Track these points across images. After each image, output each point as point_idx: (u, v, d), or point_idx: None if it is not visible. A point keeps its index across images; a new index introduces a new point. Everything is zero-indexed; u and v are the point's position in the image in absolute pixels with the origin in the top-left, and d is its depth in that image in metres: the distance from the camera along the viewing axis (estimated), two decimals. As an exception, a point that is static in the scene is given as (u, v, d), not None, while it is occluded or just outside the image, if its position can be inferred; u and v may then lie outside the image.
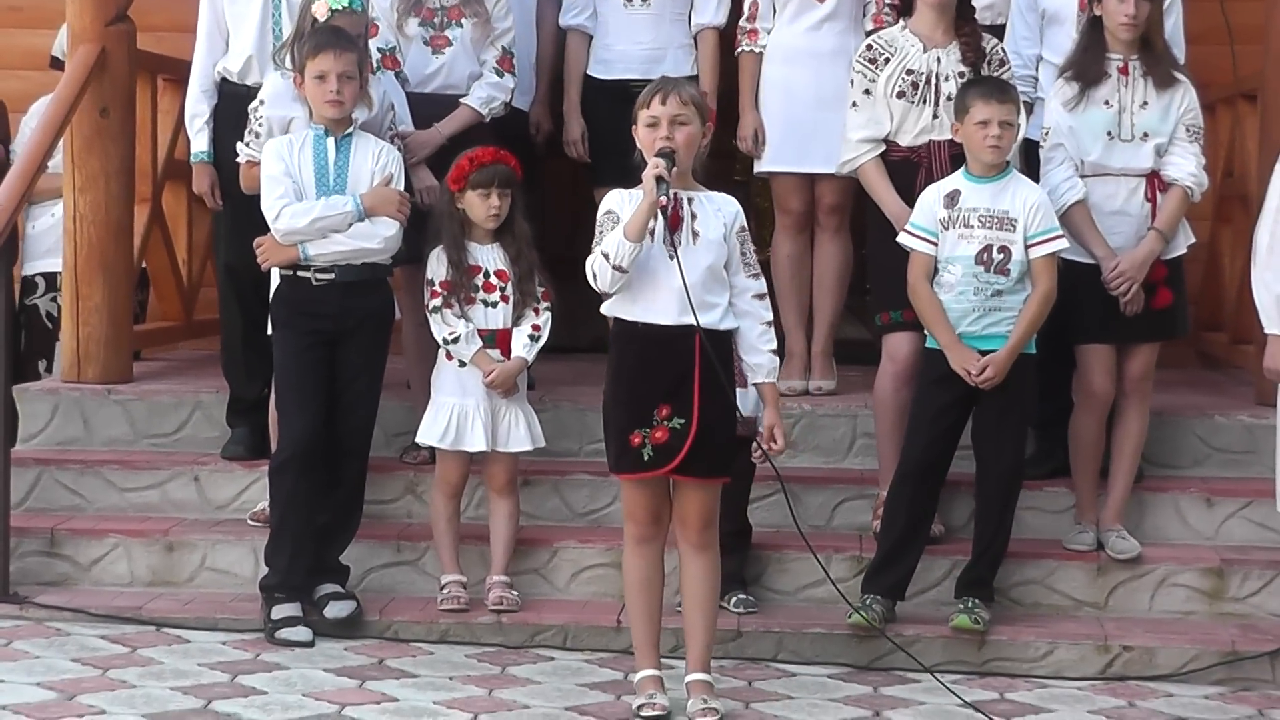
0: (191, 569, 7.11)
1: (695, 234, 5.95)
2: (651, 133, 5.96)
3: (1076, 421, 7.02)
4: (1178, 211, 6.97)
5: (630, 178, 6.05)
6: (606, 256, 5.87)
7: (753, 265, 6.05)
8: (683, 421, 5.90)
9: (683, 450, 5.90)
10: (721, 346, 5.95)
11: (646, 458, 5.92)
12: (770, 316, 6.07)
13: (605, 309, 6.03)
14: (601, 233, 5.96)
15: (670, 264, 5.88)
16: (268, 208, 6.70)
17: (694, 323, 5.84)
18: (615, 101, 7.37)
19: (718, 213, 6.00)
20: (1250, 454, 7.44)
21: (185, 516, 7.33)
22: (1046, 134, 6.95)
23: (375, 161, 6.78)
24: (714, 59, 7.88)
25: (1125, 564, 6.95)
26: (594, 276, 5.93)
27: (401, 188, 6.84)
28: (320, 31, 6.80)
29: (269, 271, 6.85)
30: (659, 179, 5.84)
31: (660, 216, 5.87)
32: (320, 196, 6.71)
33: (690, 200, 5.99)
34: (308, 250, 6.69)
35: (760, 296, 6.04)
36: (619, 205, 5.97)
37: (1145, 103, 6.96)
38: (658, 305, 5.92)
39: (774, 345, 6.05)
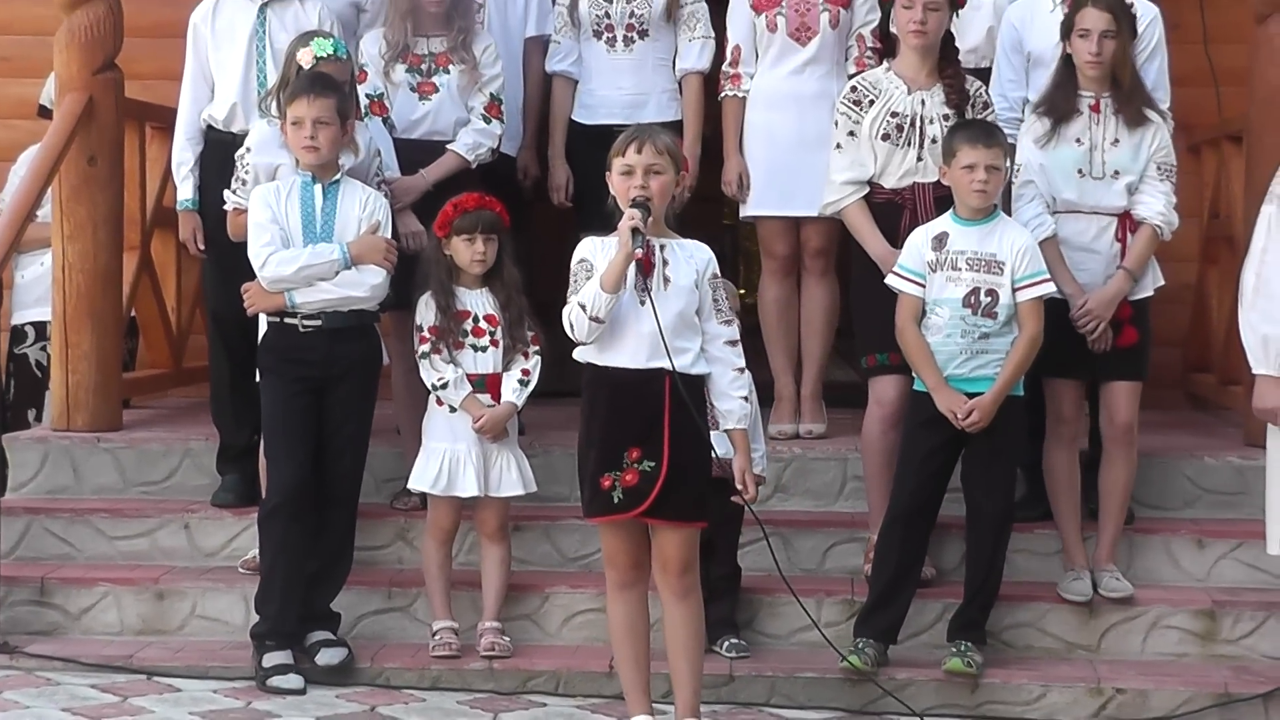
0: (182, 617, 7.09)
1: (666, 280, 5.95)
2: (626, 181, 5.96)
3: (1049, 456, 7.02)
4: (1146, 250, 6.98)
5: (615, 223, 6.04)
6: (584, 308, 5.87)
7: (725, 312, 6.04)
8: (653, 464, 5.89)
9: (652, 493, 5.89)
10: (693, 391, 5.94)
11: (616, 500, 5.92)
12: (742, 363, 6.06)
13: (578, 355, 6.03)
14: (576, 282, 5.96)
15: (640, 309, 5.88)
16: (254, 255, 6.70)
17: (665, 366, 5.84)
18: (598, 147, 7.34)
19: (689, 259, 6.00)
20: (1240, 495, 7.43)
21: (175, 564, 7.31)
22: (1018, 171, 6.97)
23: (362, 209, 6.79)
24: (699, 104, 7.88)
25: (1117, 607, 6.93)
26: (571, 327, 5.92)
27: (389, 235, 6.84)
28: (300, 78, 6.81)
29: (256, 318, 6.84)
30: (634, 230, 5.84)
31: (634, 264, 5.87)
32: (307, 243, 6.71)
33: (662, 247, 5.99)
34: (294, 298, 6.70)
35: (732, 343, 6.03)
36: (592, 254, 5.98)
37: (1116, 140, 6.96)
38: (627, 349, 5.92)
39: (745, 392, 6.05)
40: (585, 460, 6.01)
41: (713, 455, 6.00)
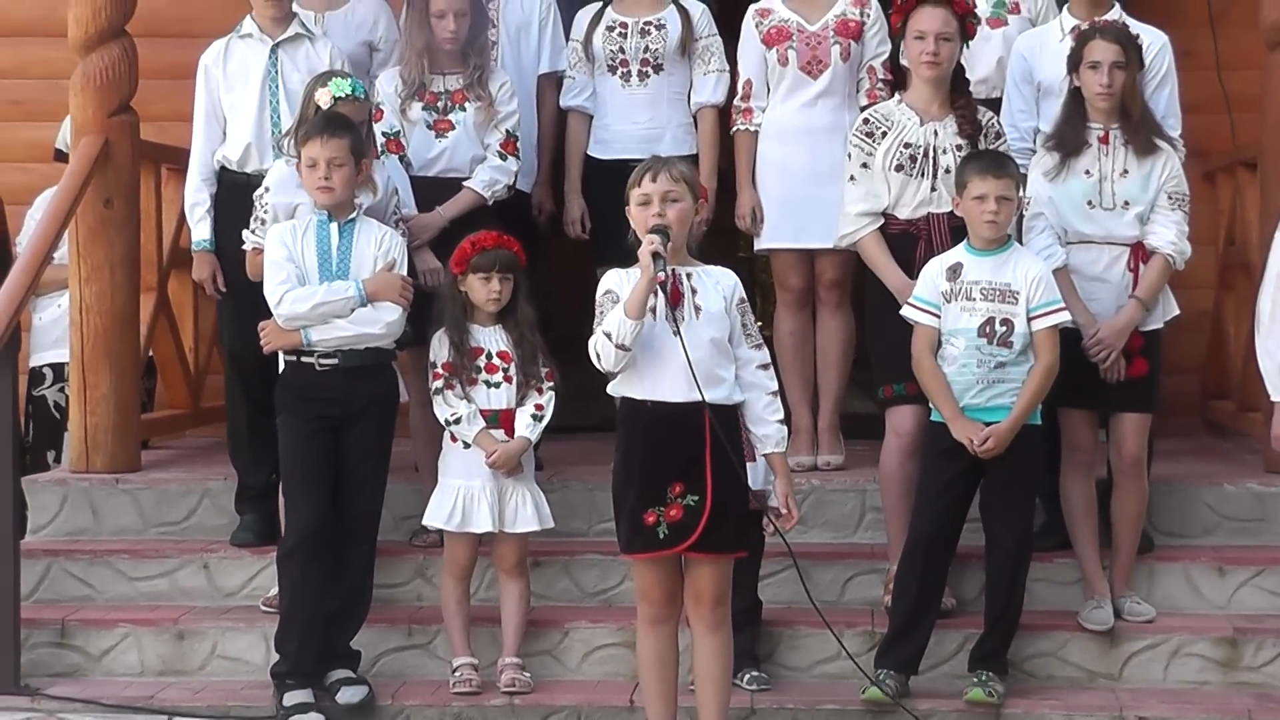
0: (202, 657, 7.11)
1: (697, 309, 5.98)
2: (644, 211, 5.99)
3: (1065, 485, 7.03)
4: (1159, 280, 7.00)
5: (632, 257, 6.07)
6: (609, 336, 5.89)
7: (754, 336, 6.07)
8: (696, 498, 5.91)
9: (699, 527, 5.90)
10: (731, 421, 5.96)
11: (662, 536, 5.92)
12: (775, 386, 6.08)
13: (612, 389, 6.04)
14: (602, 313, 5.98)
15: (675, 340, 5.89)
16: (270, 292, 6.74)
17: (702, 399, 5.85)
18: (614, 181, 7.33)
19: (716, 286, 6.04)
20: (1260, 522, 7.43)
21: (195, 605, 7.34)
22: (1028, 203, 6.98)
23: (378, 247, 6.82)
24: (714, 137, 7.91)
25: (1139, 635, 6.93)
26: (598, 357, 5.94)
27: (405, 272, 6.88)
28: (314, 119, 6.86)
29: (275, 357, 6.88)
30: (655, 255, 5.86)
31: (660, 293, 5.90)
32: (323, 282, 6.75)
33: (689, 275, 6.02)
34: (310, 335, 6.74)
35: (764, 367, 6.07)
36: (617, 285, 6.00)
37: (1125, 171, 6.99)
38: (665, 382, 5.93)
39: (781, 415, 6.07)
40: (623, 496, 6.02)
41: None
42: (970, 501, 6.74)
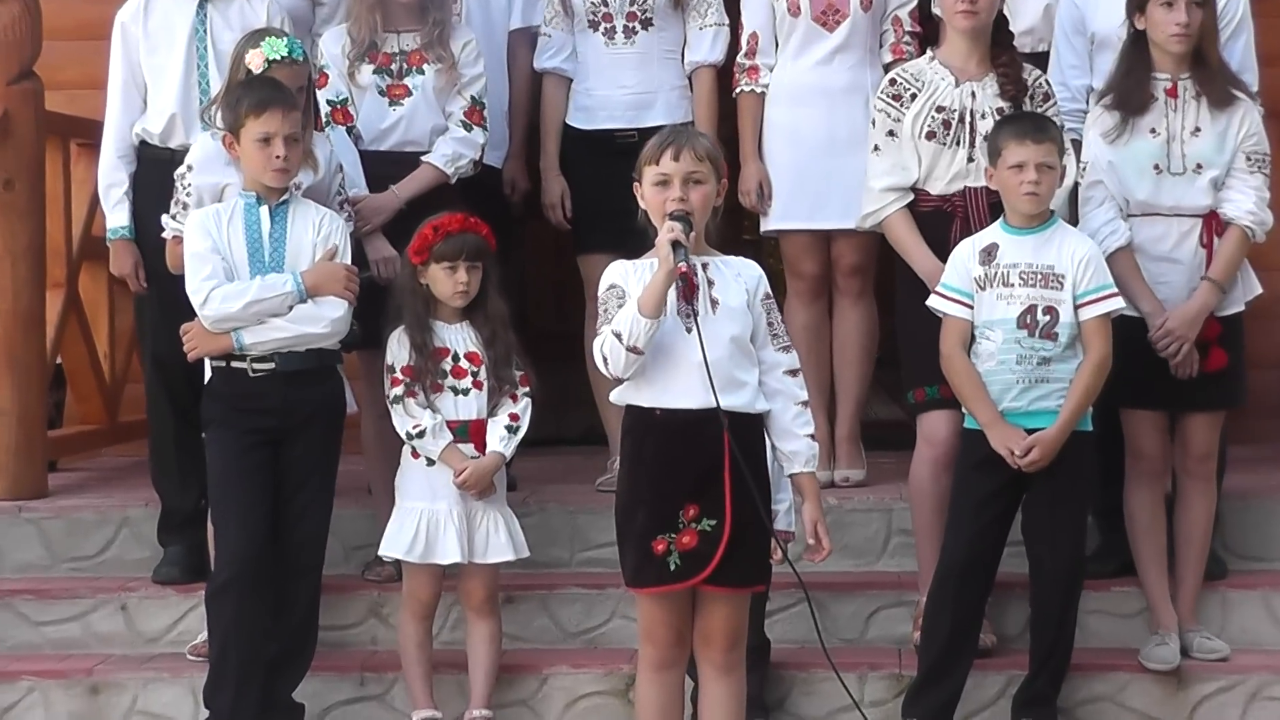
0: (121, 713, 7.09)
1: (714, 302, 5.93)
2: (661, 192, 5.94)
3: (1129, 499, 7.01)
4: (1236, 257, 6.96)
5: (620, 243, 6.01)
6: (619, 337, 5.83)
7: (782, 337, 6.05)
8: (713, 523, 5.87)
9: (715, 557, 5.86)
10: (754, 433, 5.92)
11: (673, 567, 5.88)
12: (805, 396, 6.05)
13: (615, 396, 6.00)
14: (607, 311, 5.93)
15: (689, 338, 5.84)
16: (193, 290, 6.69)
17: (721, 405, 5.79)
18: (598, 155, 7.38)
19: (737, 278, 6.00)
20: (1353, 543, 7.43)
21: (112, 652, 7.33)
22: (1084, 170, 6.93)
23: (316, 232, 6.79)
24: (711, 101, 7.93)
25: (1210, 676, 6.91)
26: (604, 361, 5.89)
27: (348, 260, 6.85)
28: (260, 86, 6.82)
29: (201, 362, 6.82)
30: (675, 244, 5.80)
31: (678, 285, 5.83)
32: (254, 275, 6.71)
33: (705, 266, 5.97)
34: (243, 338, 6.69)
35: (793, 373, 6.03)
36: (623, 279, 5.96)
37: (1198, 129, 6.95)
38: (678, 386, 5.89)
39: (812, 429, 6.04)
40: (629, 520, 5.97)
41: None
42: (1011, 520, 6.73)
